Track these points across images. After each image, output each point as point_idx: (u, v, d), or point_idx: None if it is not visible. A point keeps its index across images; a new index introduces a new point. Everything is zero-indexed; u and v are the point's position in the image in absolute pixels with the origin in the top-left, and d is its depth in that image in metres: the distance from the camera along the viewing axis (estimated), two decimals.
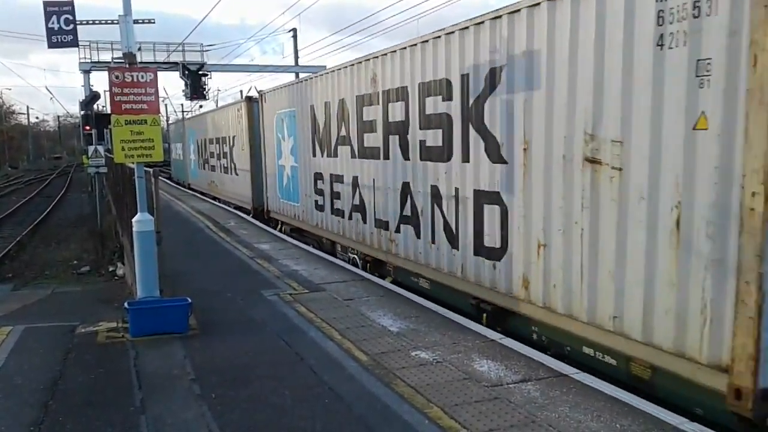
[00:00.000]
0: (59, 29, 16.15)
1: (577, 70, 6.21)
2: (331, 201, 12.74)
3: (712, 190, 4.96)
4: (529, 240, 7.10)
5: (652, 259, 5.53)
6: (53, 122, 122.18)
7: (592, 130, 6.08)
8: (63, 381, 6.19)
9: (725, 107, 4.84)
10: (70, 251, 18.48)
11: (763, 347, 4.63)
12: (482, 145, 7.82)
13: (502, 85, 7.35)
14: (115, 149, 8.39)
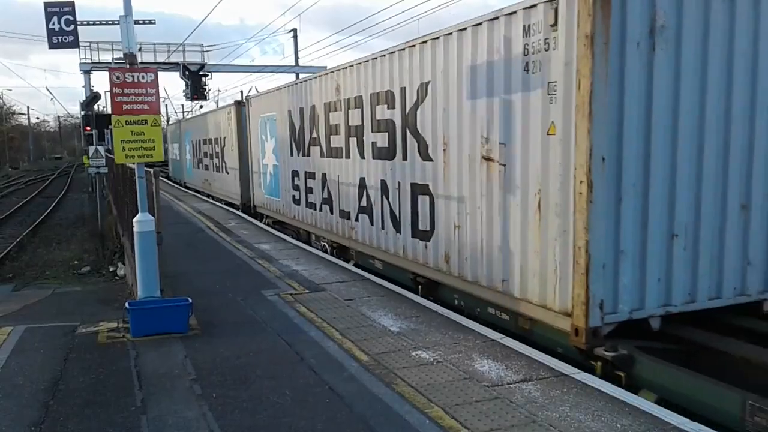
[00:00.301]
0: (60, 30, 16.11)
1: (477, 88, 7.82)
2: (305, 195, 14.24)
3: (557, 179, 6.54)
4: (449, 223, 8.64)
5: (525, 233, 7.12)
6: (54, 123, 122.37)
7: (486, 134, 7.70)
8: (64, 381, 6.19)
9: (564, 118, 6.40)
10: (70, 251, 18.48)
11: (592, 296, 6.18)
12: (416, 146, 9.35)
13: (429, 97, 8.91)
14: (116, 149, 8.39)
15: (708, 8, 6.44)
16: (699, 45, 6.43)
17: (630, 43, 6.10)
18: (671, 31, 6.27)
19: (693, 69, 6.42)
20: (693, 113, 6.48)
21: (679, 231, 6.56)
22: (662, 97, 6.31)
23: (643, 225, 6.40)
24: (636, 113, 6.23)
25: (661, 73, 6.28)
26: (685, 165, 6.50)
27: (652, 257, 6.47)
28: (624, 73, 6.13)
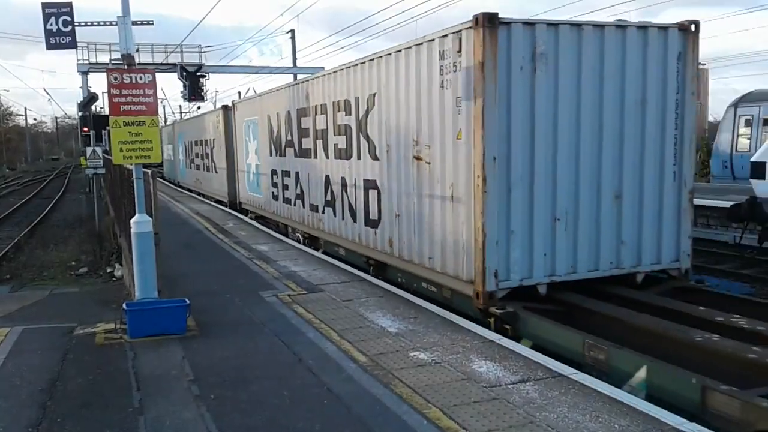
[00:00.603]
0: (58, 31, 16.08)
1: (409, 100, 9.24)
2: (282, 192, 15.75)
3: (464, 174, 8.05)
4: (391, 212, 10.09)
5: (443, 218, 8.61)
6: (51, 124, 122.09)
7: (416, 138, 9.17)
8: (61, 382, 6.19)
9: (467, 126, 7.88)
10: (68, 252, 18.45)
11: (488, 267, 7.76)
12: (367, 147, 10.77)
13: (376, 106, 10.33)
14: (114, 150, 8.38)
15: (581, 37, 7.98)
16: (574, 67, 7.94)
17: (515, 66, 7.64)
18: (550, 56, 7.79)
19: (569, 86, 7.93)
20: (570, 122, 8.00)
21: (561, 216, 8.11)
22: (543, 109, 7.84)
23: (529, 210, 7.96)
24: (521, 122, 7.75)
25: (542, 91, 7.80)
26: (564, 163, 8.04)
27: (538, 236, 8.02)
28: (510, 91, 7.66)
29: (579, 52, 7.97)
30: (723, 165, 25.34)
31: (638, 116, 8.38)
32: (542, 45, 7.73)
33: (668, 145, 8.64)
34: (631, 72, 8.26)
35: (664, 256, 8.79)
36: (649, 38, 8.42)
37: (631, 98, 8.30)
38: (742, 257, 15.56)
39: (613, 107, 8.22)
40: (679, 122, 8.64)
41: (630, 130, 8.36)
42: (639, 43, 8.33)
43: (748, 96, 24.93)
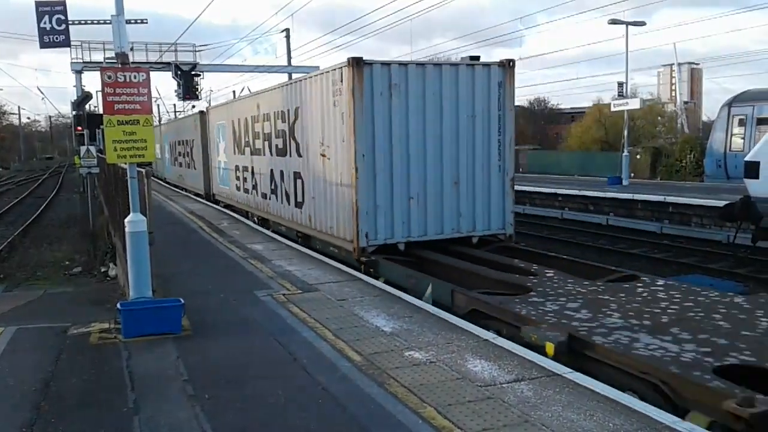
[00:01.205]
0: (51, 29, 16.05)
1: (317, 113, 12.34)
2: (242, 183, 19.09)
3: (347, 167, 11.06)
4: (309, 195, 13.26)
5: (338, 198, 11.71)
6: (45, 123, 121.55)
7: (322, 140, 12.26)
8: (55, 382, 6.16)
9: (347, 133, 10.96)
10: (62, 252, 18.40)
11: (360, 230, 10.94)
12: (295, 147, 13.94)
13: (300, 117, 13.46)
14: (108, 149, 8.35)
15: (425, 73, 11.21)
16: (420, 93, 11.12)
17: (376, 93, 10.83)
18: (402, 86, 11.00)
19: (417, 106, 11.13)
20: (418, 131, 11.23)
21: (414, 195, 11.35)
22: (397, 122, 11.06)
23: (390, 192, 11.16)
24: (382, 131, 10.98)
25: (396, 109, 11.03)
26: (414, 159, 11.25)
27: (397, 210, 11.24)
28: (374, 109, 10.86)
29: (423, 83, 11.17)
30: (717, 164, 25.45)
31: (470, 126, 11.53)
32: (395, 78, 11.00)
33: (493, 146, 11.80)
34: (463, 95, 11.43)
35: (492, 225, 12.01)
36: (476, 72, 11.60)
37: (464, 114, 11.48)
38: (736, 256, 15.64)
39: (450, 120, 11.38)
40: (501, 130, 11.79)
41: (464, 136, 11.52)
42: (469, 75, 11.53)
43: (742, 95, 25.03)
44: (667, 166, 34.89)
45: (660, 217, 20.32)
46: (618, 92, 30.47)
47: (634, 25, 27.43)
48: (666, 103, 60.06)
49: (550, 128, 66.14)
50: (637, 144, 39.34)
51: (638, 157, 36.68)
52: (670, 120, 53.15)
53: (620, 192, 22.80)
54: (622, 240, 18.96)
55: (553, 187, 25.44)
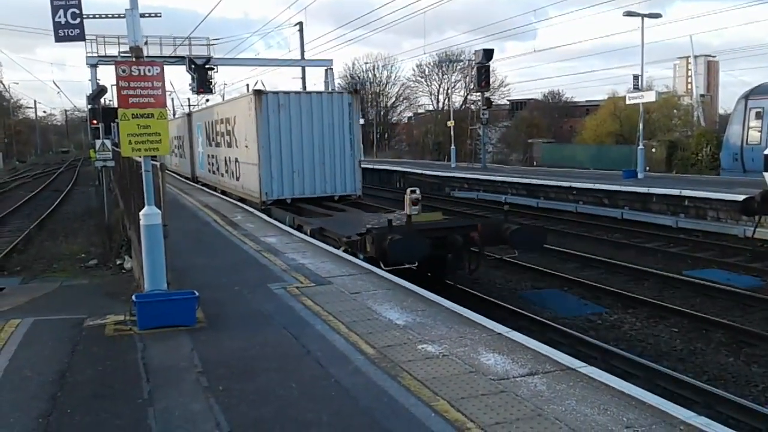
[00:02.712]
0: (66, 23, 16.11)
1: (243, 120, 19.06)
2: (211, 167, 26.24)
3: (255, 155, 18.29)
4: (241, 173, 20.32)
5: (255, 173, 18.40)
6: (60, 116, 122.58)
7: (245, 138, 19.11)
8: (71, 373, 6.22)
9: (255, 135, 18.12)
10: (77, 245, 18.54)
11: (262, 190, 18.28)
12: (234, 142, 20.78)
13: (236, 123, 20.35)
14: (122, 143, 8.38)
15: (300, 99, 18.13)
16: (299, 110, 17.83)
17: (271, 111, 17.54)
18: (286, 106, 17.65)
19: (297, 119, 17.86)
20: (298, 133, 17.95)
21: (296, 171, 18.07)
22: (285, 129, 17.82)
23: (280, 169, 17.92)
24: (274, 134, 17.73)
25: (283, 121, 17.71)
26: (296, 150, 17.99)
27: (286, 179, 17.95)
28: (269, 121, 17.64)
29: (300, 104, 18.08)
30: (733, 158, 25.18)
31: (331, 131, 18.37)
32: (282, 102, 17.88)
33: (346, 142, 18.63)
34: (326, 111, 18.21)
35: (348, 188, 18.89)
36: (334, 97, 18.79)
37: (326, 123, 18.27)
38: (755, 250, 15.47)
39: (319, 127, 18.22)
40: (351, 132, 18.65)
41: (327, 137, 18.34)
42: (329, 99, 18.52)
43: (759, 88, 24.70)
44: (682, 160, 34.60)
45: (675, 210, 20.15)
46: (633, 85, 30.15)
47: (649, 17, 27.12)
48: (682, 96, 59.51)
49: (564, 121, 65.74)
50: (652, 137, 39.04)
51: (654, 150, 36.39)
52: (686, 113, 52.65)
53: (635, 185, 22.62)
54: (637, 234, 18.82)
55: (567, 181, 25.28)
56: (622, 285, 12.85)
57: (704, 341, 9.48)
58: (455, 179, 32.59)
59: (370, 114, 72.21)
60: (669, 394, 7.15)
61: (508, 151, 59.65)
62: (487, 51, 36.18)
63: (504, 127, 65.03)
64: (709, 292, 11.98)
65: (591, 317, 10.84)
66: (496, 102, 62.53)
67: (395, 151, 70.33)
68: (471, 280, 13.76)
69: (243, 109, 19.05)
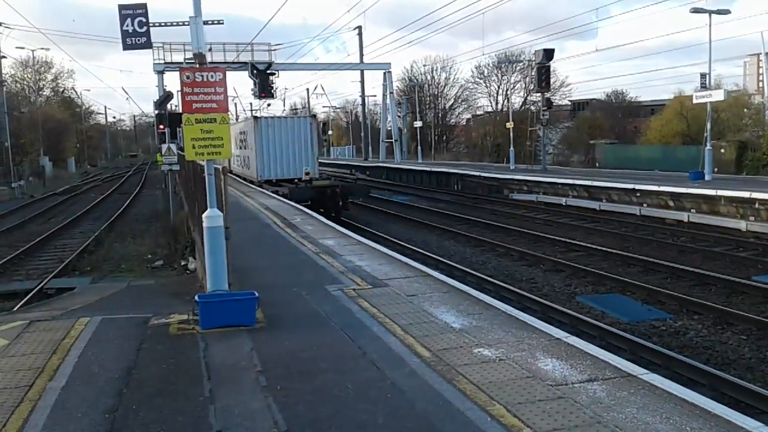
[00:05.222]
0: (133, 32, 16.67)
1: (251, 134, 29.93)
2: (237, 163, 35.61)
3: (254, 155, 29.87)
4: (253, 165, 30.26)
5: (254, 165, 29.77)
6: (129, 121, 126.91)
7: (253, 145, 29.45)
8: (137, 370, 6.44)
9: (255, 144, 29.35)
10: (144, 246, 19.15)
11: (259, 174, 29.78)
12: (247, 146, 31.69)
13: (246, 134, 31.61)
14: (186, 147, 8.61)
15: (282, 121, 30.37)
16: (280, 129, 28.95)
17: (263, 128, 28.86)
18: (273, 126, 29.11)
19: (279, 133, 28.85)
20: (282, 142, 28.81)
21: (278, 162, 28.74)
22: (272, 139, 28.78)
23: (269, 163, 28.86)
24: (266, 143, 28.70)
25: (271, 134, 28.77)
26: (280, 153, 28.80)
27: (273, 168, 28.81)
28: (262, 134, 28.63)
29: (281, 124, 29.48)
30: None
31: (300, 141, 28.63)
32: (270, 123, 29.30)
33: (311, 150, 28.72)
34: (296, 129, 28.90)
35: (312, 172, 26.79)
36: (301, 120, 30.63)
37: (296, 137, 28.67)
38: None
39: (294, 139, 28.69)
40: (312, 144, 28.79)
41: (296, 142, 28.64)
42: (299, 121, 30.12)
43: None
44: (753, 161, 33.23)
45: (745, 213, 19.39)
46: (701, 83, 29.16)
47: (717, 14, 26.18)
48: (753, 95, 57.14)
49: (628, 122, 64.02)
50: (721, 138, 37.61)
51: (722, 151, 35.08)
52: (757, 112, 50.47)
53: (703, 187, 21.88)
54: (703, 238, 18.20)
55: (630, 183, 24.66)
56: (687, 290, 12.45)
57: None
58: (514, 182, 32.18)
59: (427, 116, 72.10)
60: (735, 404, 6.90)
61: (569, 153, 58.49)
62: (548, 51, 35.62)
63: (565, 128, 63.77)
64: None
65: (654, 323, 10.54)
66: (557, 102, 61.41)
67: (453, 154, 69.98)
68: (528, 282, 13.59)
69: (250, 126, 29.76)
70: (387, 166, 49.92)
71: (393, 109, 57.13)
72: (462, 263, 15.47)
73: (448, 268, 14.64)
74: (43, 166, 52.99)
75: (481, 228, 21.92)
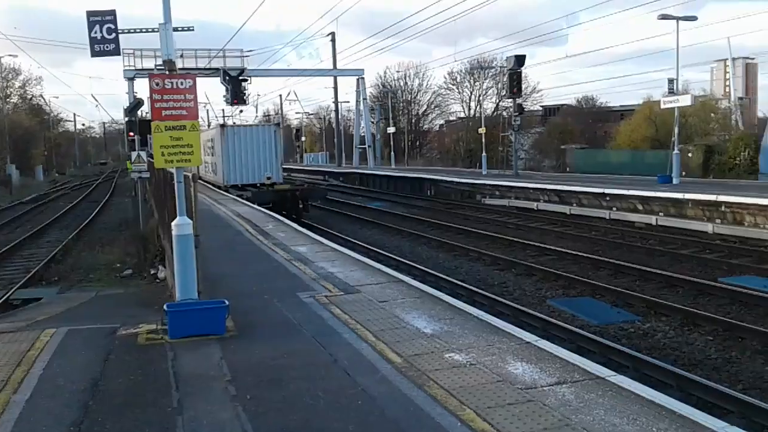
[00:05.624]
0: (102, 38, 16.39)
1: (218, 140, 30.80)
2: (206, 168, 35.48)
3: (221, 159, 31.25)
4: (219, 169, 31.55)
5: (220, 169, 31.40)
6: (99, 129, 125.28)
7: (219, 151, 30.60)
8: (103, 382, 6.34)
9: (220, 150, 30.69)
10: (113, 255, 18.87)
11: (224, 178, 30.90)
12: (214, 152, 32.38)
13: (214, 141, 32.21)
14: (155, 154, 8.53)
15: (247, 129, 31.42)
16: (245, 137, 30.21)
17: (229, 136, 30.08)
18: (239, 133, 30.57)
19: (244, 139, 30.06)
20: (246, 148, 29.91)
21: (244, 168, 29.91)
22: (238, 145, 29.91)
23: (234, 167, 29.94)
24: (231, 149, 29.88)
25: (236, 142, 29.92)
26: (245, 157, 29.89)
27: (238, 173, 29.94)
28: (228, 141, 29.87)
29: (246, 132, 30.71)
30: None
31: (265, 148, 29.90)
32: (236, 131, 30.76)
33: (275, 154, 30.13)
34: (261, 137, 30.13)
35: (274, 178, 28.92)
36: (265, 128, 31.28)
37: (260, 144, 29.89)
38: None
39: (258, 146, 29.88)
40: (276, 149, 30.23)
41: (261, 149, 29.86)
42: (264, 129, 31.10)
43: None
44: (720, 164, 33.89)
45: (712, 216, 19.75)
46: (669, 89, 29.68)
47: (684, 20, 26.68)
48: (720, 100, 58.26)
49: (598, 126, 64.83)
50: (689, 141, 38.29)
51: (690, 155, 35.70)
52: (724, 117, 51.53)
53: (670, 191, 22.25)
54: (671, 240, 18.49)
55: (600, 187, 24.97)
56: (655, 292, 12.62)
57: (740, 349, 9.25)
58: (486, 187, 32.40)
59: (401, 122, 72.33)
60: (703, 404, 7.01)
61: (540, 158, 59.08)
62: (519, 57, 35.96)
63: (537, 134, 64.40)
64: (746, 299, 11.69)
65: (623, 325, 10.67)
66: (529, 108, 61.98)
67: (427, 159, 70.29)
68: (500, 287, 13.68)
69: (217, 134, 30.98)
70: (360, 172, 49.95)
71: (366, 115, 57.23)
72: (435, 268, 15.51)
73: (421, 273, 14.66)
74: (10, 175, 52.08)
75: (454, 233, 22.01)
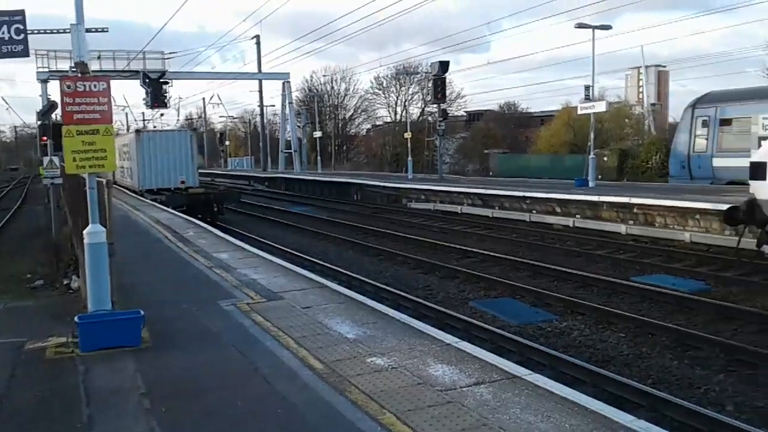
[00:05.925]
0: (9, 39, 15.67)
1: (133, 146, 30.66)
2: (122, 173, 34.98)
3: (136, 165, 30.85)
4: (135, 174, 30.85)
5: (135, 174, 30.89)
6: (10, 133, 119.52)
7: (135, 155, 30.16)
8: (8, 399, 6.03)
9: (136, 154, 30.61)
10: (24, 264, 17.96)
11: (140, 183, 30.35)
12: (130, 158, 31.89)
13: (129, 147, 31.79)
14: (66, 160, 8.20)
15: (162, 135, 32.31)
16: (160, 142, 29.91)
17: (144, 141, 29.94)
18: (155, 139, 30.35)
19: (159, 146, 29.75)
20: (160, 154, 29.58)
21: (159, 172, 29.57)
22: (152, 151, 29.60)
23: (150, 173, 29.60)
24: (147, 154, 29.51)
25: (152, 147, 29.62)
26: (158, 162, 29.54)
27: (152, 178, 29.59)
28: (144, 146, 29.41)
29: (162, 137, 30.68)
30: (681, 165, 25.83)
31: (180, 154, 29.67)
32: (152, 136, 30.84)
33: (191, 159, 30.14)
34: (176, 142, 29.92)
35: (190, 182, 29.43)
36: (181, 133, 32.94)
37: (176, 149, 29.71)
38: (699, 255, 15.86)
39: (175, 149, 29.66)
40: (192, 155, 30.29)
41: (177, 154, 29.72)
42: (180, 134, 32.27)
43: (705, 97, 25.43)
44: (633, 168, 35.42)
45: (625, 218, 20.57)
46: (585, 95, 30.77)
47: (600, 29, 27.73)
48: (633, 106, 60.93)
49: (520, 132, 66.64)
50: (605, 146, 39.88)
51: (605, 159, 37.17)
52: (638, 122, 53.97)
53: (586, 194, 23.04)
54: (587, 242, 19.15)
55: (521, 191, 25.63)
56: (572, 292, 13.04)
57: (650, 345, 9.65)
58: (412, 191, 32.69)
59: (328, 127, 72.21)
60: (615, 399, 7.27)
61: (465, 162, 60.26)
62: (443, 63, 36.48)
63: (461, 138, 65.66)
64: (656, 296, 12.22)
65: (542, 324, 10.95)
66: (453, 113, 63.12)
67: (354, 164, 70.44)
68: (425, 290, 13.82)
69: (133, 139, 30.76)
70: (286, 177, 49.50)
71: (292, 120, 56.85)
72: (360, 273, 15.51)
73: (346, 278, 14.64)
74: None
75: (380, 237, 22.09)
